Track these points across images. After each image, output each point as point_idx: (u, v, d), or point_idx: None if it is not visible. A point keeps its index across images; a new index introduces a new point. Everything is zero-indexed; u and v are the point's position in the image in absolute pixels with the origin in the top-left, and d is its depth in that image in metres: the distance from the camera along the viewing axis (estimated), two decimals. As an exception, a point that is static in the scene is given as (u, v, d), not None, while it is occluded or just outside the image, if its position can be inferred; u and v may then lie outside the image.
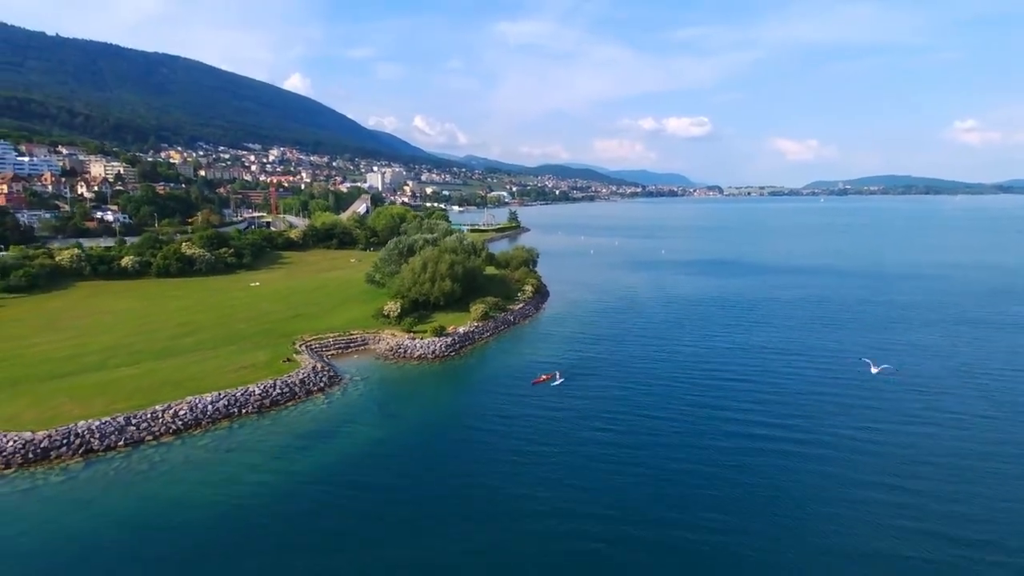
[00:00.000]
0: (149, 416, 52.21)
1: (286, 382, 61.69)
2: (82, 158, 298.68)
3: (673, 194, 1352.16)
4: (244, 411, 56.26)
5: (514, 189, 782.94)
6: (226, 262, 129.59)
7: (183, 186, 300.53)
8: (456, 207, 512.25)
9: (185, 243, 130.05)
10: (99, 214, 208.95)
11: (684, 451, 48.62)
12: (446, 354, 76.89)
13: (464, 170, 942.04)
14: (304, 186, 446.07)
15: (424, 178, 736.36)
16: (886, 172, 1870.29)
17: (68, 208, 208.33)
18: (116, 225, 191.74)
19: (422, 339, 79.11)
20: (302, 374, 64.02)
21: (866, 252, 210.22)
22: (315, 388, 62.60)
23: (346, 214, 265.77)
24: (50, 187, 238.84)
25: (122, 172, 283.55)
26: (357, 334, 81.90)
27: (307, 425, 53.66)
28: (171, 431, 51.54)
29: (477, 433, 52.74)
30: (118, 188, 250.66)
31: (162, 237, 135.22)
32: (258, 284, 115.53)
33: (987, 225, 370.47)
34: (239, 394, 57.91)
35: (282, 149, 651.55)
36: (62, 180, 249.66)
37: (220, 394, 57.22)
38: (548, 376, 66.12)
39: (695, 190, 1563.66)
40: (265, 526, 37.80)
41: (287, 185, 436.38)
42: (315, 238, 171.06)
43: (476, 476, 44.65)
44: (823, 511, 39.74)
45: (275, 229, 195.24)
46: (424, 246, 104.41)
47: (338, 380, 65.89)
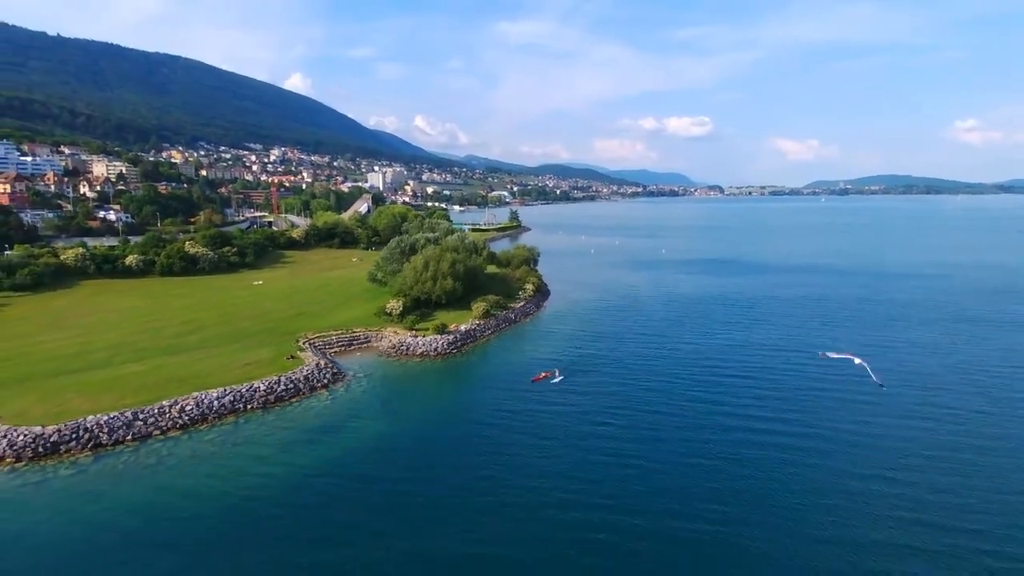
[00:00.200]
0: (156, 411, 53.00)
1: (290, 378, 62.45)
2: (84, 158, 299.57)
3: (674, 194, 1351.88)
4: (249, 407, 57.03)
5: (515, 189, 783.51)
6: (229, 261, 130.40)
7: (185, 186, 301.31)
8: (457, 207, 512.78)
9: (188, 242, 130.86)
10: (102, 214, 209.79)
11: (685, 445, 49.38)
12: (448, 351, 77.62)
13: (465, 170, 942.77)
14: (305, 186, 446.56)
15: (425, 178, 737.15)
16: (887, 172, 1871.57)
17: (71, 208, 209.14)
18: (119, 225, 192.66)
19: (424, 337, 79.82)
20: (306, 371, 64.77)
21: (866, 252, 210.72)
22: (319, 385, 63.37)
23: (348, 213, 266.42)
24: (53, 187, 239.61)
25: (124, 172, 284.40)
26: (360, 332, 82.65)
27: (312, 420, 54.43)
28: (178, 426, 52.33)
29: (480, 427, 53.52)
30: (120, 188, 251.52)
31: (165, 236, 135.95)
32: (261, 283, 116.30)
33: (988, 225, 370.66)
34: (244, 390, 58.70)
35: (283, 149, 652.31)
36: (65, 180, 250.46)
37: (226, 390, 58.00)
38: (548, 373, 66.83)
39: (696, 190, 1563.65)
40: (274, 517, 38.61)
41: (288, 185, 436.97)
42: (317, 237, 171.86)
43: (480, 469, 45.44)
44: (821, 502, 40.49)
45: (277, 229, 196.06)
46: (426, 245, 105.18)
47: (341, 377, 66.65)
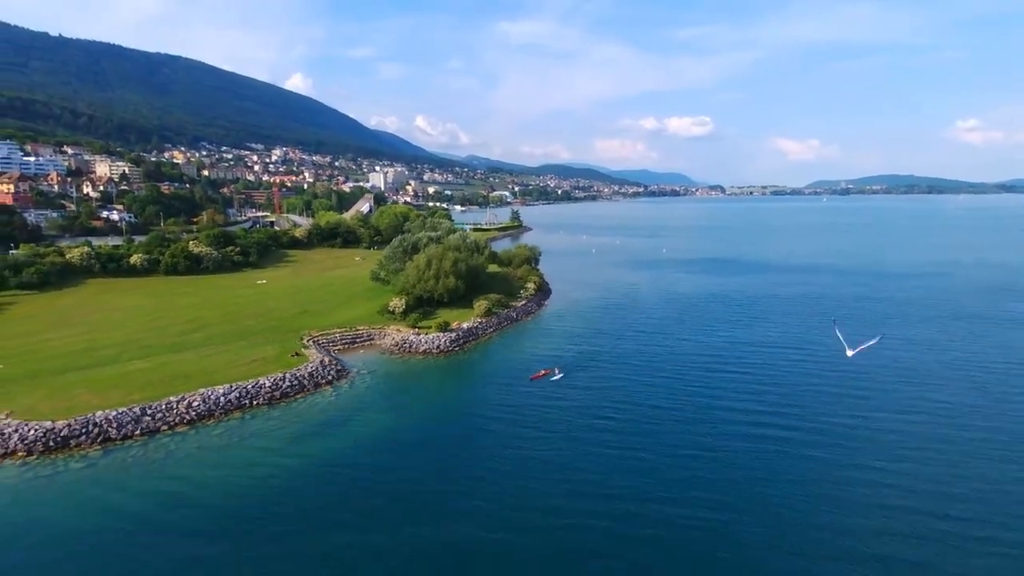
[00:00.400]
0: (164, 407, 53.84)
1: (295, 375, 63.28)
2: (87, 158, 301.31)
3: (675, 194, 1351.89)
4: (255, 403, 57.86)
5: (516, 189, 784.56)
6: (232, 260, 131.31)
7: (187, 186, 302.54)
8: (458, 207, 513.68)
9: (192, 242, 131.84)
10: (105, 213, 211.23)
11: (685, 438, 50.25)
12: (450, 349, 78.43)
13: (466, 170, 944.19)
14: (307, 186, 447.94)
15: (426, 178, 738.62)
16: (888, 172, 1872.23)
17: (74, 207, 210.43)
18: (122, 224, 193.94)
19: (427, 334, 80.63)
20: (310, 368, 65.60)
21: (867, 251, 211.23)
22: (323, 381, 64.18)
23: (349, 213, 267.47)
24: (56, 187, 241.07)
25: (127, 172, 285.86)
26: (363, 330, 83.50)
27: (317, 416, 55.25)
28: (185, 421, 53.16)
29: (482, 421, 54.46)
30: (123, 188, 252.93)
31: (169, 236, 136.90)
32: (265, 282, 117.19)
33: (989, 224, 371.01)
34: (250, 386, 59.53)
35: (284, 149, 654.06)
36: (68, 180, 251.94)
37: (232, 386, 58.83)
38: (547, 371, 67.48)
39: (697, 190, 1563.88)
40: (282, 506, 39.52)
41: (290, 185, 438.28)
42: (320, 237, 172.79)
43: (482, 461, 46.39)
44: (817, 492, 41.49)
45: (279, 228, 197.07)
46: (428, 244, 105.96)
47: (345, 374, 67.47)
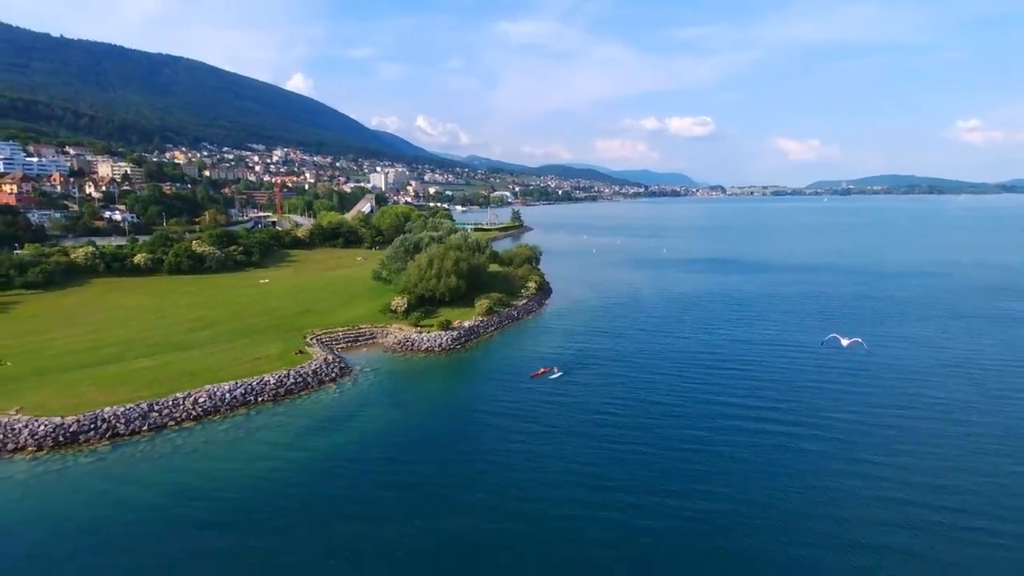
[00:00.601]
0: (171, 403, 54.65)
1: (299, 372, 64.09)
2: (89, 158, 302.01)
3: (676, 194, 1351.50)
4: (260, 399, 58.68)
5: (517, 189, 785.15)
6: (235, 260, 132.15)
7: (189, 186, 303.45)
8: (459, 207, 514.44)
9: (195, 241, 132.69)
10: (107, 213, 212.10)
11: (684, 432, 51.14)
12: (452, 347, 79.20)
13: (467, 170, 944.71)
14: (308, 186, 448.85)
15: (427, 178, 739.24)
16: (889, 172, 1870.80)
17: (77, 208, 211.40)
18: (125, 224, 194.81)
19: (429, 333, 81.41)
20: (314, 365, 66.40)
21: (867, 251, 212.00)
22: (327, 378, 64.99)
23: (351, 213, 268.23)
24: (59, 187, 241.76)
25: (129, 172, 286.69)
26: (366, 328, 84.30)
27: (321, 412, 56.09)
28: (192, 417, 53.98)
29: (486, 417, 55.39)
30: (125, 188, 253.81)
31: (173, 236, 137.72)
32: (267, 281, 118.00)
33: (989, 225, 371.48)
34: (255, 383, 60.34)
35: (285, 150, 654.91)
36: (70, 180, 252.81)
37: (237, 383, 59.65)
38: (546, 369, 68.20)
39: (698, 190, 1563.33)
40: (289, 498, 40.46)
41: (291, 185, 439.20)
42: (321, 237, 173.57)
43: (487, 455, 47.33)
44: (814, 483, 42.54)
45: (280, 229, 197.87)
46: (430, 243, 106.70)
47: (349, 371, 68.27)
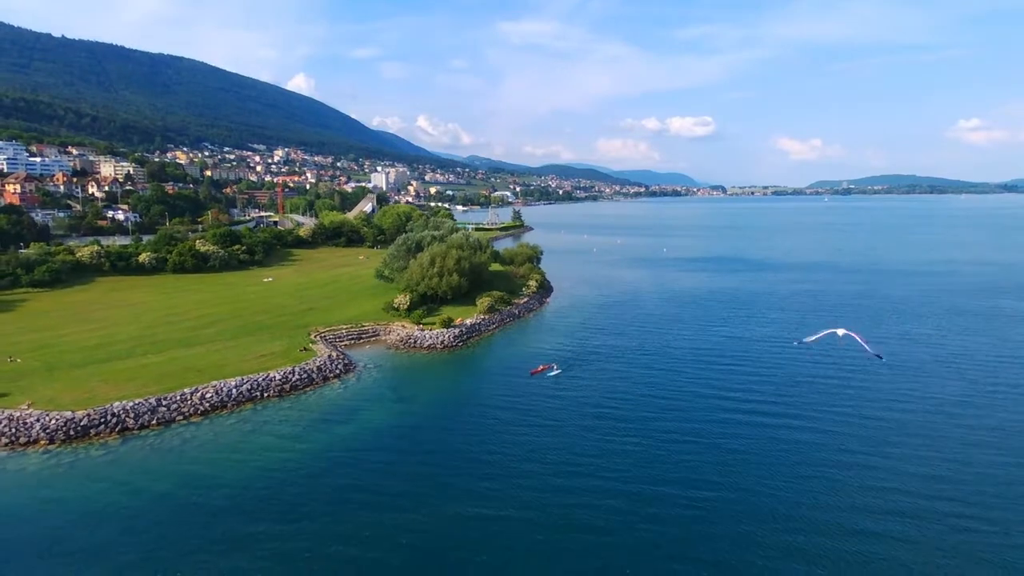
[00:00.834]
0: (179, 398, 55.80)
1: (304, 369, 65.24)
2: (92, 158, 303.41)
3: (676, 194, 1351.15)
4: (266, 395, 59.83)
5: (518, 189, 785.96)
6: (239, 259, 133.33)
7: (191, 186, 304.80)
8: (460, 207, 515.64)
9: (199, 240, 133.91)
10: (110, 213, 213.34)
11: (682, 424, 52.36)
12: (454, 344, 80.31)
13: (468, 170, 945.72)
14: (309, 186, 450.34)
15: (428, 178, 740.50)
16: (890, 171, 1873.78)
17: (80, 207, 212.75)
18: (128, 224, 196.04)
19: (431, 330, 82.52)
20: (319, 362, 67.56)
21: (866, 250, 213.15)
22: (331, 375, 66.13)
23: (353, 213, 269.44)
24: (62, 187, 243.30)
25: (131, 172, 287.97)
26: (369, 326, 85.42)
27: (326, 407, 57.28)
28: (199, 412, 55.12)
29: (486, 410, 56.74)
30: (128, 188, 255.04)
31: (177, 235, 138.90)
32: (271, 280, 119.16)
33: (991, 224, 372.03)
34: (261, 379, 61.50)
35: (287, 150, 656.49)
36: (73, 180, 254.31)
37: (243, 379, 60.80)
38: (546, 367, 69.24)
39: (698, 190, 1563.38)
40: (300, 485, 41.96)
41: (292, 185, 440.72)
42: (324, 236, 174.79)
43: (487, 446, 48.71)
44: (809, 472, 43.96)
45: (282, 228, 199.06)
46: (432, 242, 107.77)
47: (352, 367, 69.41)
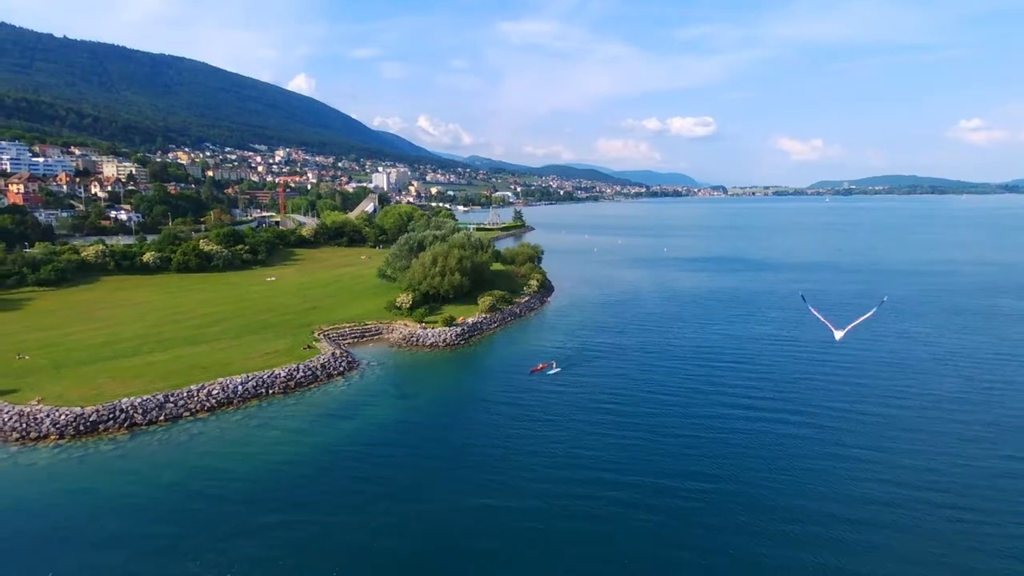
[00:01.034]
0: (185, 395, 56.69)
1: (308, 366, 66.10)
2: (94, 159, 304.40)
3: (677, 194, 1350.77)
4: (271, 392, 60.71)
5: (518, 189, 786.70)
6: (242, 259, 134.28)
7: (193, 186, 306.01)
8: (461, 207, 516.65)
9: (202, 240, 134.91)
10: (113, 213, 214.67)
11: (681, 419, 53.39)
12: (456, 343, 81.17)
13: (468, 170, 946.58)
14: (310, 186, 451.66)
15: (429, 178, 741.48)
16: (891, 172, 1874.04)
17: (83, 207, 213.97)
18: (131, 224, 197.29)
19: (433, 329, 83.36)
20: (322, 359, 68.42)
21: (867, 250, 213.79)
22: (335, 372, 67.01)
23: (354, 213, 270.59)
24: (65, 187, 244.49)
25: (134, 172, 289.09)
26: (372, 324, 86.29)
27: (331, 403, 58.21)
28: (206, 408, 56.00)
29: (488, 405, 57.77)
30: (130, 188, 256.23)
31: (180, 235, 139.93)
32: (274, 279, 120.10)
33: (991, 224, 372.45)
34: (266, 376, 62.37)
35: (288, 150, 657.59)
36: (76, 180, 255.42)
37: (248, 376, 61.66)
38: (545, 365, 69.98)
39: (699, 190, 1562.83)
40: (307, 475, 43.07)
41: (294, 185, 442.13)
42: (326, 236, 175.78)
43: (495, 440, 49.86)
44: (808, 465, 45.01)
45: (284, 228, 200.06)
46: (434, 242, 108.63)
47: (356, 365, 70.28)
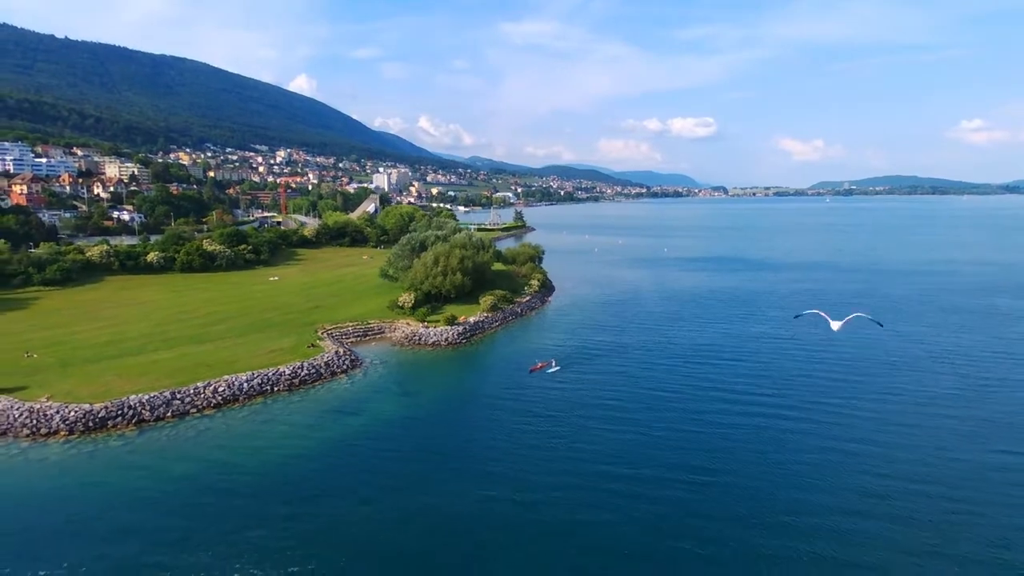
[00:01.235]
0: (192, 392, 57.54)
1: (312, 364, 66.94)
2: (97, 159, 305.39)
3: (678, 195, 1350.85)
4: (276, 389, 61.58)
5: (519, 190, 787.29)
6: (245, 258, 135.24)
7: (194, 187, 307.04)
8: (462, 207, 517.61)
9: (206, 240, 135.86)
10: (116, 213, 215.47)
11: (680, 415, 54.33)
12: (458, 341, 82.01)
13: (469, 171, 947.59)
14: (311, 187, 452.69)
15: (430, 179, 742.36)
16: (892, 172, 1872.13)
17: (86, 208, 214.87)
18: (134, 224, 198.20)
19: (435, 328, 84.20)
20: (326, 357, 69.25)
21: (867, 250, 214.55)
22: (339, 370, 67.86)
23: (356, 213, 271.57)
24: (68, 188, 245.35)
25: (136, 173, 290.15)
26: (374, 323, 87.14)
27: (335, 400, 59.05)
28: (212, 405, 56.87)
29: (490, 401, 58.82)
30: (133, 188, 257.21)
31: (184, 235, 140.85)
32: (277, 279, 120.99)
33: (992, 224, 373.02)
34: (271, 374, 63.23)
35: (289, 150, 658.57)
36: (79, 181, 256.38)
37: (253, 374, 62.51)
38: (544, 364, 70.71)
39: (700, 191, 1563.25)
40: (314, 468, 44.14)
41: (295, 186, 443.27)
42: (328, 236, 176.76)
43: (498, 433, 50.83)
44: (805, 459, 45.94)
45: (286, 228, 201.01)
46: (435, 242, 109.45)
47: (359, 363, 71.13)
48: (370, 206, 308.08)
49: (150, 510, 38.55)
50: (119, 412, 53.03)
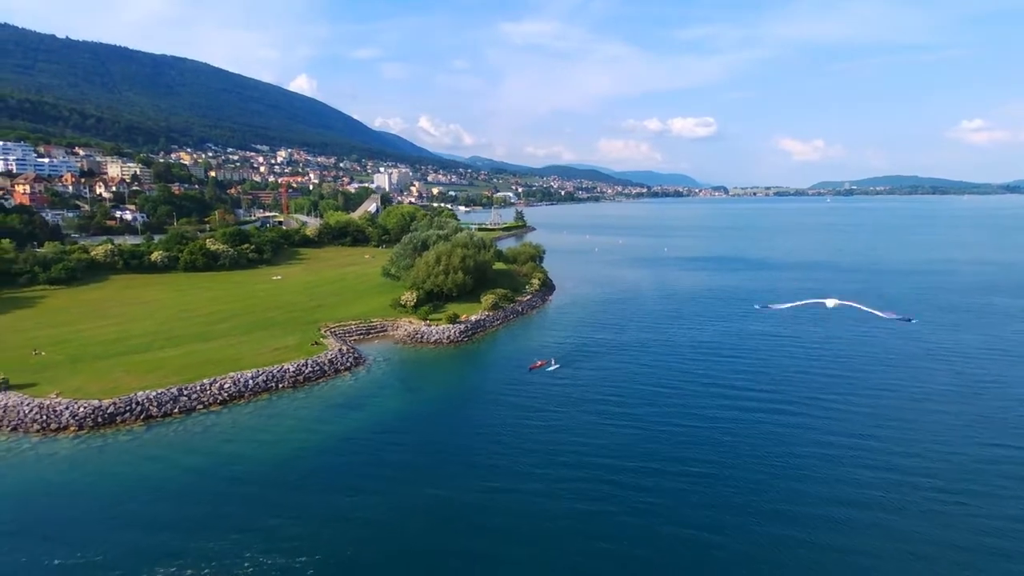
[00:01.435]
0: (198, 388, 58.43)
1: (316, 361, 67.83)
2: (99, 159, 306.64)
3: (678, 195, 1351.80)
4: (281, 386, 62.46)
5: (520, 190, 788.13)
6: (248, 258, 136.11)
7: (196, 187, 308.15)
8: (462, 207, 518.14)
9: (209, 239, 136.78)
10: (118, 213, 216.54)
11: (679, 412, 55.04)
12: (460, 340, 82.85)
13: (470, 171, 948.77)
14: (312, 187, 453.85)
15: (430, 179, 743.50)
16: (892, 172, 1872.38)
17: (89, 208, 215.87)
18: (136, 224, 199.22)
19: (437, 326, 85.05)
20: (330, 355, 70.14)
21: (867, 250, 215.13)
22: (342, 367, 68.73)
23: (357, 213, 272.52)
24: (70, 187, 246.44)
25: (138, 173, 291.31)
26: (377, 322, 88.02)
27: (339, 397, 59.89)
28: (218, 401, 57.77)
29: (491, 397, 59.67)
30: (135, 188, 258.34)
31: (187, 234, 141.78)
32: (280, 278, 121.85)
33: (992, 224, 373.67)
34: (275, 371, 64.11)
35: (290, 150, 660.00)
36: (81, 180, 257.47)
37: (258, 371, 63.40)
38: (543, 362, 71.41)
39: (700, 191, 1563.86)
40: (321, 461, 45.07)
41: (296, 186, 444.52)
42: (330, 236, 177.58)
43: (500, 429, 51.53)
44: (802, 452, 46.85)
45: (287, 228, 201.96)
46: (437, 241, 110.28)
47: (362, 361, 71.99)
48: (371, 206, 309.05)
49: (160, 501, 39.43)
50: (127, 408, 53.91)
